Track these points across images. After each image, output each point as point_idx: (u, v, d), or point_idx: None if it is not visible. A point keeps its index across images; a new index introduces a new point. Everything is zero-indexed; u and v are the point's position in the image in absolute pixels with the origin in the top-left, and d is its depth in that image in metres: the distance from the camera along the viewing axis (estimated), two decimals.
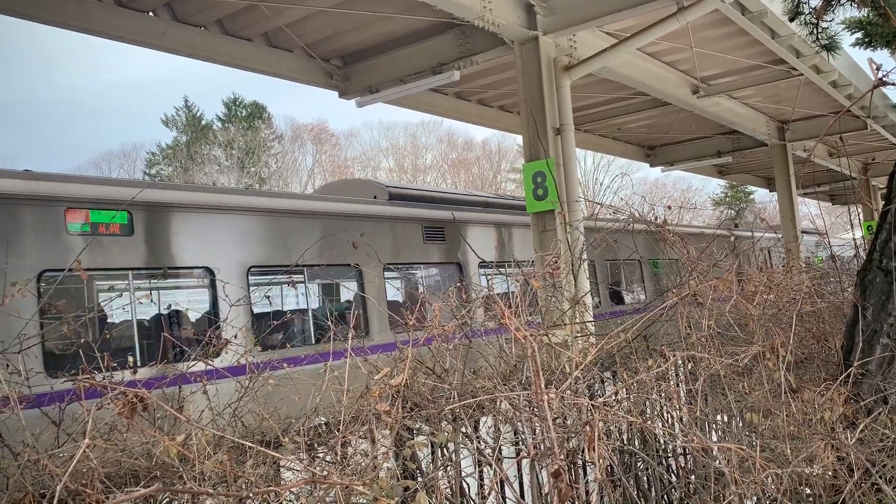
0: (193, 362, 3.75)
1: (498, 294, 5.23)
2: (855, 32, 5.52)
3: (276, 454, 2.61)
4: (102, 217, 7.38)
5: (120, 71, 66.97)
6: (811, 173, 21.44)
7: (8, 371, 2.89)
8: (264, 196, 10.14)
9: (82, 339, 6.10)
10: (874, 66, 3.92)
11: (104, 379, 3.12)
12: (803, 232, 18.86)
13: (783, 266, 7.87)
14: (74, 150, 67.57)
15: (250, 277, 8.49)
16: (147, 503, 2.79)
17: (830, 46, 5.59)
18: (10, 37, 66.16)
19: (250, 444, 2.57)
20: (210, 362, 3.55)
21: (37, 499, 2.37)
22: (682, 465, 4.26)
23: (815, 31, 5.39)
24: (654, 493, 4.15)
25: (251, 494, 2.31)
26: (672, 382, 4.18)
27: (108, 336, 6.96)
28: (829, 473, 3.54)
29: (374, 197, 11.23)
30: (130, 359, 5.67)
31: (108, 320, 7.48)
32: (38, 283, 6.65)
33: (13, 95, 61.44)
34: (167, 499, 2.82)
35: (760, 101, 16.51)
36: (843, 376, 4.08)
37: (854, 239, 6.48)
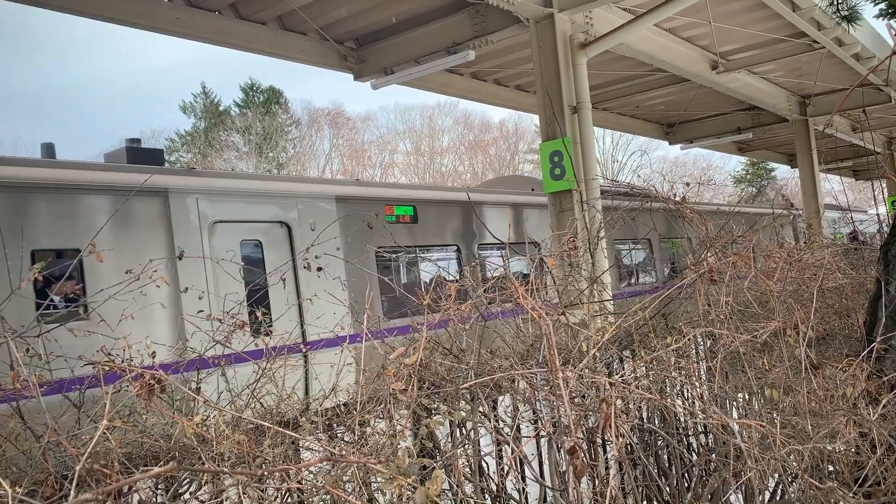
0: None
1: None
2: (878, 3, 5.40)
3: (294, 434, 2.62)
4: (401, 210, 10.73)
5: (142, 58, 67.41)
6: (834, 149, 21.11)
7: (28, 354, 2.92)
8: (477, 192, 13.80)
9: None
10: (893, 32, 3.81)
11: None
12: (826, 207, 18.64)
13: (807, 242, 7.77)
14: (97, 137, 68.10)
15: (479, 251, 11.82)
16: (168, 483, 2.83)
17: (851, 17, 5.47)
18: (41, 24, 66.78)
19: (269, 425, 2.59)
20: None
21: (58, 480, 2.40)
22: (703, 442, 4.24)
23: (835, 2, 5.28)
24: (674, 471, 4.14)
25: (268, 473, 2.32)
26: (692, 360, 4.15)
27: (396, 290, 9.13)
28: (852, 450, 3.51)
29: (532, 189, 13.63)
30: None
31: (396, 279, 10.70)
32: (374, 256, 9.85)
33: (40, 83, 62.18)
34: (187, 479, 2.85)
35: (781, 76, 16.25)
36: (865, 352, 4.02)
37: (877, 214, 6.38)
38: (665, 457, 4.23)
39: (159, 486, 2.85)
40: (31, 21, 66.62)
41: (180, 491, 2.83)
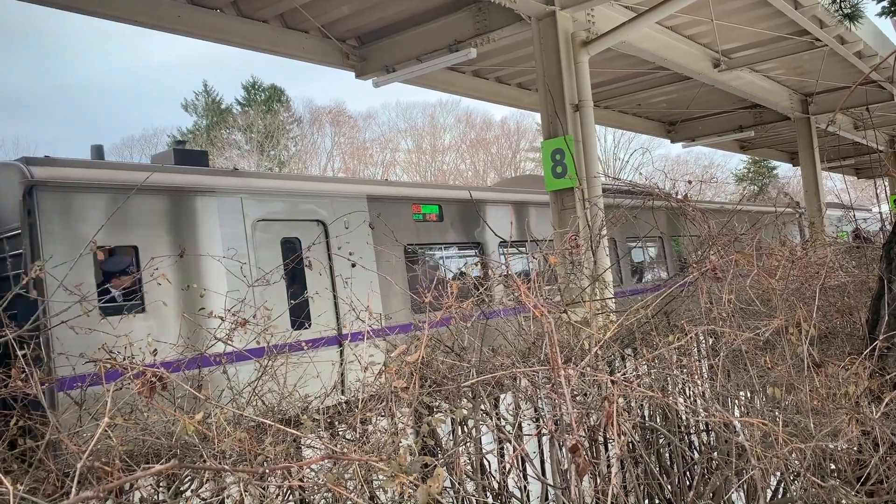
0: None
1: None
2: (881, 1, 5.39)
3: (296, 431, 2.62)
4: (427, 209, 11.30)
5: (143, 56, 67.39)
6: (836, 147, 21.06)
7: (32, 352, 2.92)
8: (498, 192, 14.45)
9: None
10: None
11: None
12: (829, 205, 18.61)
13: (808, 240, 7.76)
14: (99, 135, 68.09)
15: (500, 249, 12.15)
16: (170, 481, 2.83)
17: (853, 15, 5.46)
18: (44, 23, 66.82)
19: (270, 423, 2.58)
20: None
21: (60, 477, 2.40)
22: (704, 440, 4.24)
23: (837, 0, 5.27)
24: (675, 469, 4.13)
25: (269, 471, 2.32)
26: (693, 358, 4.14)
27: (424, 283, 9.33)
28: (854, 448, 3.50)
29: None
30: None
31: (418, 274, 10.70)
32: (404, 251, 10.36)
33: (42, 81, 62.16)
34: (189, 477, 2.85)
35: (783, 74, 16.22)
36: (867, 350, 4.01)
37: (880, 212, 6.37)
38: (667, 455, 4.23)
39: (161, 484, 2.85)
40: (32, 20, 66.69)
41: (182, 489, 2.83)
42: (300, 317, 8.62)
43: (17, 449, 2.68)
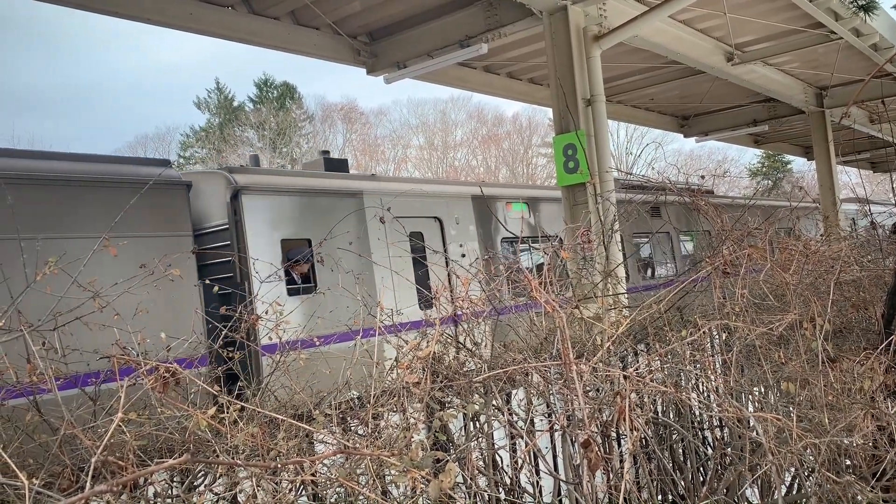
0: None
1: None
2: None
3: (308, 427, 2.63)
4: (517, 207, 12.77)
5: (156, 54, 67.73)
6: (851, 140, 20.87)
7: (44, 348, 2.94)
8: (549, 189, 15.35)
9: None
10: None
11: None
12: (844, 200, 18.46)
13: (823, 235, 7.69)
14: (113, 134, 68.60)
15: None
16: (184, 476, 2.84)
17: (868, 7, 5.40)
18: (66, 21, 67.32)
19: (283, 418, 2.59)
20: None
21: (74, 472, 2.42)
22: (718, 436, 4.22)
23: None
24: (689, 465, 4.12)
25: (281, 466, 2.33)
26: (707, 353, 4.12)
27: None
28: (869, 444, 3.47)
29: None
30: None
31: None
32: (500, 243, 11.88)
33: (57, 79, 62.63)
34: (202, 472, 2.87)
35: (798, 68, 16.07)
36: (883, 345, 3.98)
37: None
38: (680, 450, 4.21)
39: (175, 479, 2.86)
40: (49, 18, 67.15)
41: (195, 483, 2.84)
42: (425, 298, 9.61)
43: None
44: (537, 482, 3.59)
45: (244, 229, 8.68)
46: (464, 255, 10.35)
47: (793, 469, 3.63)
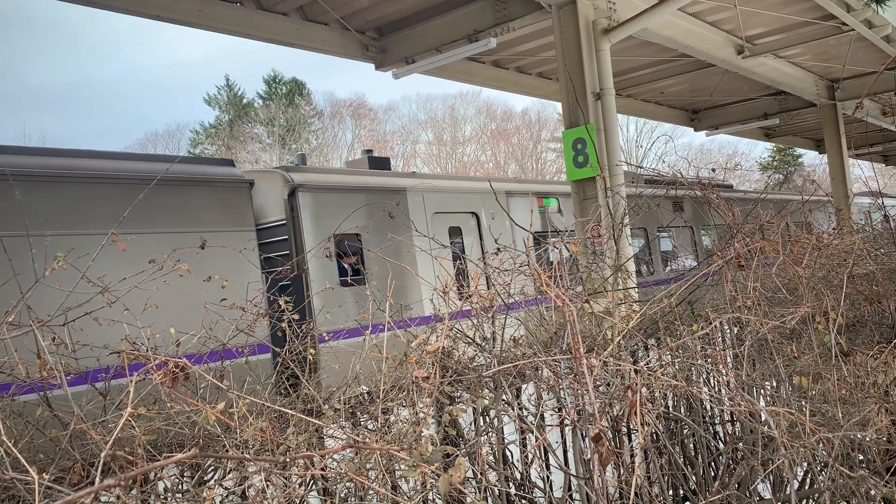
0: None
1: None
2: None
3: (317, 421, 2.62)
4: (548, 202, 13.37)
5: (166, 51, 67.95)
6: (863, 133, 20.70)
7: (54, 343, 2.95)
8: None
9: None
10: None
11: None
12: (857, 194, 18.31)
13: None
14: (124, 130, 68.92)
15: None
16: (193, 471, 2.85)
17: None
18: (74, 19, 67.64)
19: (292, 412, 2.59)
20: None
21: (84, 466, 2.43)
22: (730, 431, 4.19)
23: None
24: (700, 460, 4.09)
25: (291, 460, 2.32)
26: (718, 347, 4.09)
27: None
28: (883, 438, 3.44)
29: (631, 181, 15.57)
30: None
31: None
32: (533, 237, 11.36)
33: (71, 77, 62.96)
34: (212, 466, 2.87)
35: (809, 60, 15.95)
36: None
37: None
38: (691, 445, 4.19)
39: (185, 474, 2.87)
40: (57, 16, 67.44)
41: (205, 478, 2.85)
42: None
43: None
44: (548, 477, 3.58)
45: (301, 224, 9.32)
46: (499, 251, 10.53)
47: (805, 464, 3.61)
